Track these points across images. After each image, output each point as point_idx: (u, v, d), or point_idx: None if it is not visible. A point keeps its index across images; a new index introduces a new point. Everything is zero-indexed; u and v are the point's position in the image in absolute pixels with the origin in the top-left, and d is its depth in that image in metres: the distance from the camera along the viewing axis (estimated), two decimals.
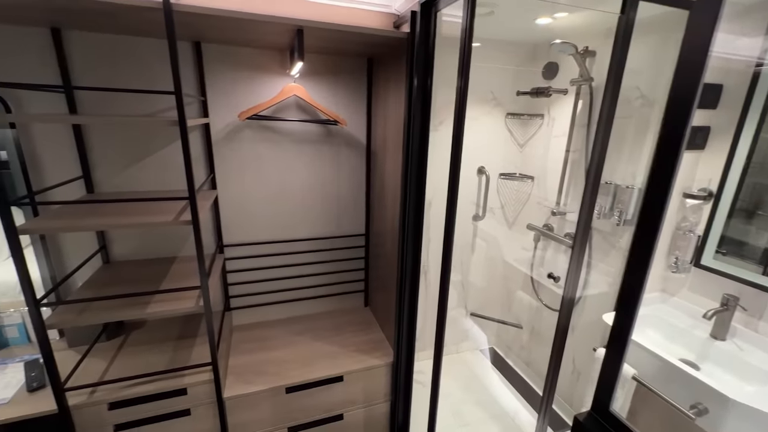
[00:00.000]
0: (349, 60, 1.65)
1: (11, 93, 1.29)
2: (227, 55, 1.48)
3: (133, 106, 1.42)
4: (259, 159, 1.64)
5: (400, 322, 1.52)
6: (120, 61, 1.36)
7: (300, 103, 1.62)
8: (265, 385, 1.42)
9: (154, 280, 1.39)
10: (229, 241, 1.68)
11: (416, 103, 1.27)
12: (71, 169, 1.40)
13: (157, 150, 1.49)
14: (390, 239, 1.59)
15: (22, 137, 1.32)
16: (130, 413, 1.27)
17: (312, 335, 1.74)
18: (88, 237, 1.49)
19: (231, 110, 1.54)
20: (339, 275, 1.92)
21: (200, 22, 1.10)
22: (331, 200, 1.81)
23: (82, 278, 1.43)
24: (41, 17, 1.15)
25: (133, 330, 1.59)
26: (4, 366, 1.33)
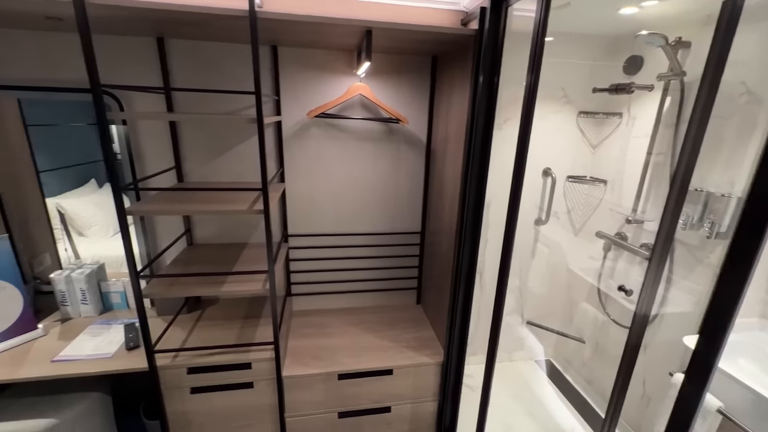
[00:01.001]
0: (413, 59, 1.67)
1: (124, 94, 1.50)
2: (299, 57, 1.58)
3: (216, 105, 1.58)
4: (324, 155, 1.73)
5: (452, 323, 1.51)
6: (207, 65, 1.52)
7: (364, 101, 1.68)
8: (320, 369, 1.50)
9: (228, 262, 1.54)
10: (293, 232, 1.80)
11: (481, 101, 1.24)
12: (166, 160, 1.60)
13: (235, 145, 1.64)
14: (446, 239, 1.58)
15: (131, 132, 1.54)
16: (204, 379, 1.42)
17: (365, 327, 1.79)
18: (177, 220, 1.69)
19: (301, 109, 1.64)
20: (393, 271, 1.95)
21: (279, 27, 1.19)
22: (390, 197, 1.85)
23: (170, 257, 1.64)
24: (150, 28, 1.32)
25: (208, 306, 1.77)
26: (109, 326, 1.57)
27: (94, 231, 2.65)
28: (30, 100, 1.59)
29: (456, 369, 1.56)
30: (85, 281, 1.58)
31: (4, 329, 1.41)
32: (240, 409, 1.49)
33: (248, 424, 1.52)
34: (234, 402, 1.47)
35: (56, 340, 1.47)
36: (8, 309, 1.42)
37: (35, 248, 1.69)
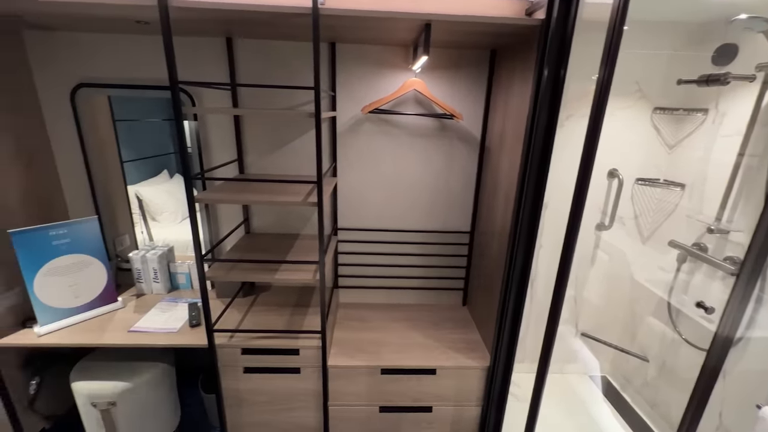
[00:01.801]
0: (470, 53, 1.62)
1: (195, 90, 1.63)
2: (356, 53, 1.60)
3: (276, 100, 1.65)
4: (376, 151, 1.74)
5: (500, 329, 1.45)
6: (269, 62, 1.60)
7: (418, 97, 1.66)
8: (364, 362, 1.52)
9: (282, 251, 1.61)
10: (342, 225, 1.84)
11: (544, 96, 1.17)
12: (229, 153, 1.71)
13: (292, 139, 1.71)
14: (498, 240, 1.52)
15: (200, 126, 1.67)
16: (256, 360, 1.50)
17: (409, 324, 1.78)
18: (237, 209, 1.80)
19: (355, 104, 1.66)
20: (439, 270, 1.92)
21: (340, 23, 1.21)
22: (440, 195, 1.81)
23: (229, 243, 1.75)
24: (220, 29, 1.41)
25: (261, 292, 1.87)
26: (175, 303, 1.71)
27: (164, 217, 2.91)
28: (117, 97, 1.78)
29: (503, 376, 1.50)
30: (157, 261, 1.74)
31: (92, 299, 1.60)
32: (287, 392, 1.56)
33: (294, 408, 1.58)
34: (282, 385, 1.54)
35: (132, 313, 1.63)
36: (95, 282, 1.60)
37: (117, 230, 1.89)
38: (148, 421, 1.63)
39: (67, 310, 1.54)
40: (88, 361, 1.61)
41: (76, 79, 1.58)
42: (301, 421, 1.61)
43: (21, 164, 1.53)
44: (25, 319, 1.54)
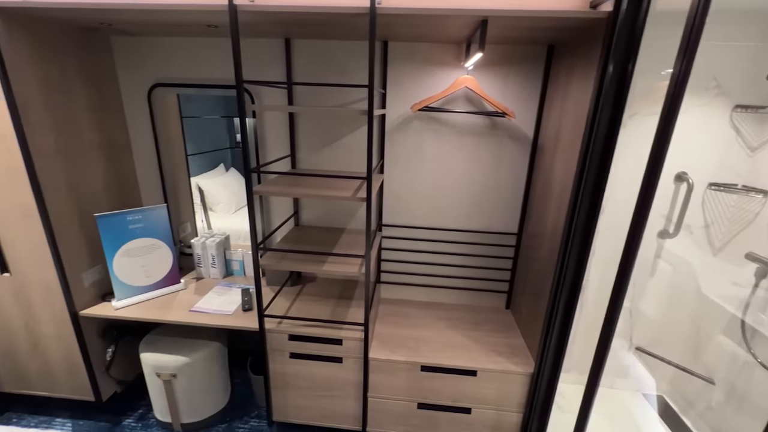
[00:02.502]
0: (526, 48, 1.56)
1: (255, 89, 1.73)
2: (408, 51, 1.61)
3: (329, 98, 1.71)
4: (424, 148, 1.74)
5: (547, 335, 1.40)
6: (323, 61, 1.65)
7: (468, 94, 1.64)
8: (404, 357, 1.53)
9: (329, 244, 1.66)
10: (387, 222, 1.87)
11: (607, 93, 1.11)
12: (283, 148, 1.80)
13: (342, 136, 1.76)
14: (548, 244, 1.47)
15: (258, 123, 1.77)
16: (301, 347, 1.57)
17: (450, 324, 1.77)
18: (288, 202, 1.89)
19: (405, 102, 1.67)
20: (483, 271, 1.89)
21: (395, 21, 1.23)
22: (487, 194, 1.78)
23: (280, 234, 1.84)
24: (281, 30, 1.49)
25: (308, 282, 1.95)
26: (230, 288, 1.84)
27: (220, 207, 3.12)
28: (184, 95, 1.93)
29: (547, 384, 1.44)
30: (215, 248, 1.88)
31: (159, 280, 1.76)
32: (329, 380, 1.61)
33: (335, 395, 1.64)
34: (324, 372, 1.60)
35: (192, 294, 1.78)
36: (162, 264, 1.76)
37: (181, 217, 2.06)
38: (203, 395, 1.77)
39: (138, 288, 1.71)
40: (154, 335, 1.78)
41: (152, 79, 1.75)
42: (341, 409, 1.66)
43: (106, 156, 1.72)
44: (105, 294, 1.73)
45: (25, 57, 1.34)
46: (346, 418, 1.68)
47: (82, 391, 1.75)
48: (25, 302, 1.61)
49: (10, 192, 1.44)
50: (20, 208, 1.46)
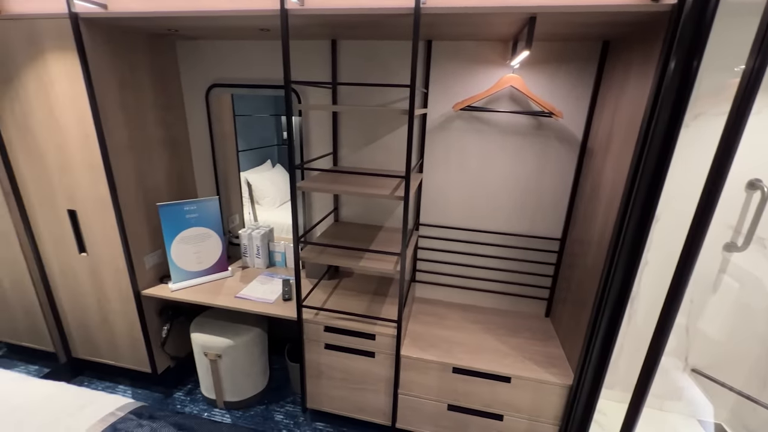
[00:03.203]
0: (577, 45, 1.49)
1: (301, 89, 1.80)
2: (451, 50, 1.60)
3: (371, 98, 1.74)
4: (464, 148, 1.72)
5: (589, 347, 1.33)
6: (366, 61, 1.68)
7: (514, 93, 1.59)
8: (436, 357, 1.53)
9: (366, 241, 1.70)
10: (424, 221, 1.87)
11: (668, 93, 1.03)
12: (326, 146, 1.86)
13: (383, 135, 1.78)
14: (594, 251, 1.39)
15: (303, 121, 1.84)
16: (336, 339, 1.62)
17: (485, 328, 1.74)
18: (328, 198, 1.96)
19: (447, 101, 1.66)
20: (523, 276, 1.83)
21: (440, 21, 1.22)
22: (530, 197, 1.72)
23: (319, 229, 1.91)
24: (328, 32, 1.54)
25: (344, 277, 2.00)
26: (272, 278, 1.94)
27: (266, 201, 3.28)
28: (237, 95, 2.06)
29: (587, 399, 1.38)
30: (260, 240, 1.99)
31: (209, 266, 1.90)
32: (361, 373, 1.65)
33: (366, 388, 1.67)
34: (357, 366, 1.64)
35: (238, 282, 1.90)
36: (213, 252, 1.90)
37: (230, 209, 2.20)
38: (244, 376, 1.88)
39: (191, 273, 1.86)
40: (203, 317, 1.92)
41: (210, 80, 1.88)
42: (372, 403, 1.69)
43: (168, 151, 1.89)
44: (162, 276, 1.90)
45: (105, 62, 1.51)
46: (376, 412, 1.71)
47: (141, 363, 1.93)
48: (98, 280, 1.81)
49: (90, 185, 1.63)
50: (98, 199, 1.64)
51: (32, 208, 1.76)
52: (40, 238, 1.81)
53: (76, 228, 1.72)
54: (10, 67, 1.54)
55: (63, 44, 1.44)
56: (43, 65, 1.50)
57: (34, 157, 1.66)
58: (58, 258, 1.83)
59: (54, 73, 1.49)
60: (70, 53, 1.44)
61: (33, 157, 1.66)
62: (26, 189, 1.74)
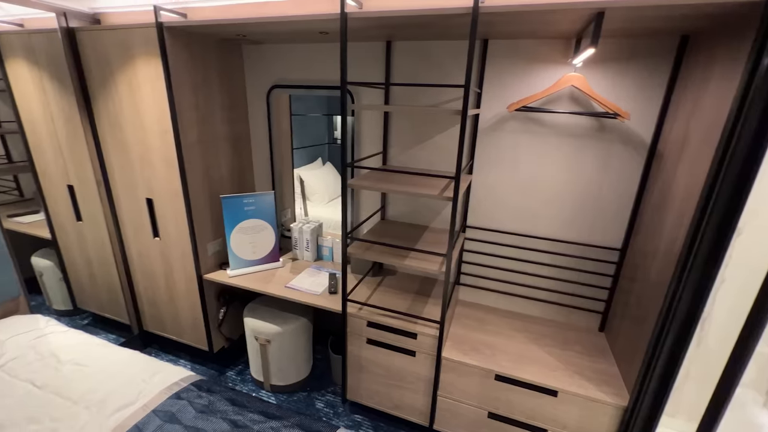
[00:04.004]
0: (650, 41, 1.38)
1: (355, 89, 1.85)
2: (508, 48, 1.55)
3: (422, 98, 1.74)
4: (517, 150, 1.66)
5: (649, 368, 1.23)
6: (419, 61, 1.69)
7: (574, 93, 1.51)
8: (478, 362, 1.50)
9: (411, 240, 1.71)
10: (472, 223, 1.84)
11: (758, 94, 0.92)
12: (376, 145, 1.90)
13: (433, 135, 1.78)
14: (659, 264, 1.28)
15: (356, 121, 1.90)
16: (378, 335, 1.66)
17: (530, 337, 1.67)
18: (376, 197, 1.99)
19: (501, 102, 1.62)
20: (576, 287, 1.73)
21: (498, 19, 1.20)
22: (587, 203, 1.62)
23: (366, 227, 1.95)
24: (383, 34, 1.57)
25: (387, 275, 2.03)
26: (319, 271, 2.02)
27: (316, 197, 3.41)
28: (294, 95, 2.17)
29: (644, 424, 1.27)
30: (310, 234, 2.08)
31: (263, 256, 2.03)
32: (401, 371, 1.67)
33: (405, 386, 1.69)
34: (397, 363, 1.66)
35: (288, 272, 2.00)
36: (267, 243, 2.02)
37: (284, 204, 2.33)
38: (289, 362, 1.98)
39: (247, 261, 1.99)
40: (255, 304, 2.05)
41: (271, 81, 2.00)
42: (410, 401, 1.70)
43: (231, 147, 2.04)
44: (221, 263, 2.06)
45: (182, 66, 1.67)
46: (414, 412, 1.72)
47: (200, 340, 2.11)
48: (167, 263, 2.01)
49: (165, 177, 1.81)
50: (171, 189, 1.82)
51: (118, 196, 2.00)
52: (123, 223, 2.05)
53: (152, 215, 1.93)
54: (107, 71, 1.76)
55: (149, 50, 1.62)
56: (132, 69, 1.69)
57: (122, 151, 1.88)
58: (136, 241, 2.05)
59: (141, 76, 1.68)
60: (154, 59, 1.62)
61: (121, 151, 1.89)
62: (114, 179, 1.97)
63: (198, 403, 1.29)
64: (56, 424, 1.18)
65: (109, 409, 1.24)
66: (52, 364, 1.42)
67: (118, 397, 1.28)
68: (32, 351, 1.48)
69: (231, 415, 1.26)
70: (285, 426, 1.23)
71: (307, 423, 1.26)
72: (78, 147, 1.95)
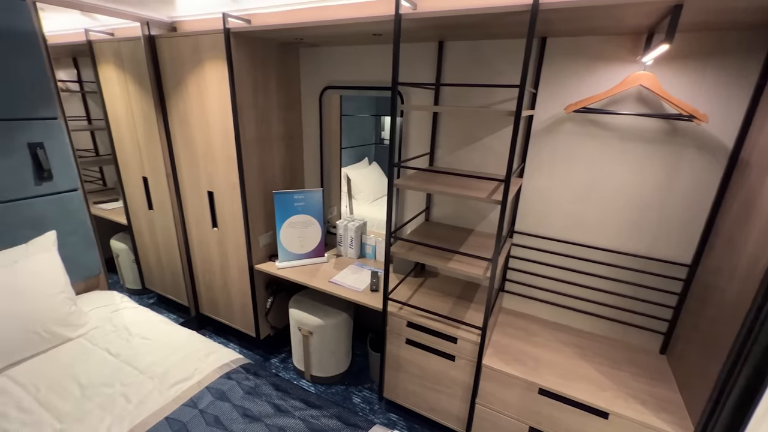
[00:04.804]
0: (732, 35, 1.24)
1: (404, 90, 1.86)
2: (568, 46, 1.47)
3: (473, 98, 1.70)
4: (573, 153, 1.57)
5: (719, 400, 1.10)
6: (471, 61, 1.66)
7: (642, 94, 1.40)
8: (520, 373, 1.45)
9: (456, 243, 1.68)
10: (520, 229, 1.77)
11: None
12: (423, 146, 1.89)
13: (482, 137, 1.74)
14: (739, 285, 1.14)
15: (404, 122, 1.91)
16: (417, 336, 1.65)
17: (580, 353, 1.58)
18: (421, 197, 1.99)
19: (558, 102, 1.54)
20: (635, 303, 1.60)
21: (559, 16, 1.14)
22: (652, 213, 1.49)
23: (410, 227, 1.95)
24: (436, 34, 1.56)
25: (429, 276, 2.02)
26: (362, 268, 2.05)
27: (361, 196, 3.47)
28: (345, 96, 2.22)
29: None
30: (354, 231, 2.12)
31: (309, 251, 2.11)
32: (439, 374, 1.65)
33: (442, 390, 1.67)
34: (436, 366, 1.65)
35: (332, 268, 2.06)
36: (313, 238, 2.10)
37: (330, 201, 2.40)
38: (329, 355, 2.04)
39: (294, 255, 2.08)
40: (300, 296, 2.14)
41: (325, 83, 2.08)
42: (447, 406, 1.68)
43: (285, 146, 2.14)
44: (271, 255, 2.17)
45: (244, 69, 1.78)
46: (451, 417, 1.69)
47: (248, 326, 2.25)
48: (223, 252, 2.16)
49: (225, 173, 1.95)
50: (229, 184, 1.96)
51: (184, 188, 2.19)
52: (187, 213, 2.24)
53: (212, 207, 2.08)
54: (180, 74, 1.93)
55: (216, 54, 1.75)
56: (201, 72, 1.84)
57: (189, 147, 2.06)
58: (197, 230, 2.23)
59: (208, 78, 1.83)
60: (221, 62, 1.74)
61: (188, 147, 2.06)
62: (181, 172, 2.16)
63: (245, 385, 1.37)
64: (126, 389, 1.32)
65: (170, 381, 1.36)
66: (124, 336, 1.59)
67: (177, 371, 1.40)
68: (109, 323, 1.66)
69: (275, 399, 1.32)
70: (324, 416, 1.27)
71: (345, 415, 1.29)
72: (153, 142, 2.16)
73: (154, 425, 1.19)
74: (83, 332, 1.59)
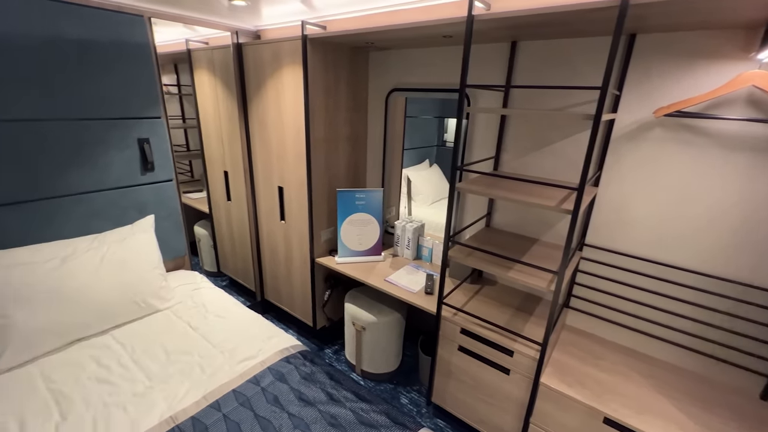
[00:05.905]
0: None
1: (471, 92, 1.83)
2: (661, 43, 1.33)
3: (545, 101, 1.61)
4: (660, 162, 1.41)
5: None
6: (545, 62, 1.57)
7: (755, 96, 1.21)
8: (583, 398, 1.34)
9: (517, 252, 1.61)
10: (591, 242, 1.63)
11: None
12: (488, 150, 1.84)
13: (554, 141, 1.64)
14: None
15: (470, 124, 1.87)
16: (471, 344, 1.61)
17: (656, 385, 1.41)
18: (482, 202, 1.93)
19: (646, 105, 1.40)
20: (730, 336, 1.39)
21: (653, 11, 1.04)
22: (754, 234, 1.29)
23: (469, 232, 1.91)
24: (509, 34, 1.51)
25: (486, 284, 1.95)
26: (417, 269, 2.06)
27: (420, 198, 3.47)
28: (409, 98, 2.24)
29: None
30: (411, 233, 2.13)
31: (367, 249, 2.16)
32: (492, 387, 1.59)
33: (494, 404, 1.60)
34: (489, 378, 1.59)
35: (388, 267, 2.09)
36: (372, 237, 2.15)
37: (390, 201, 2.44)
38: (380, 353, 2.08)
39: (353, 251, 2.15)
40: (356, 291, 2.21)
41: (391, 85, 2.12)
42: (496, 420, 1.61)
43: (350, 146, 2.23)
44: (331, 250, 2.27)
45: (318, 73, 1.89)
46: None
47: (306, 316, 2.37)
48: (288, 244, 2.31)
49: (295, 170, 2.09)
50: (298, 180, 2.09)
51: (258, 182, 2.38)
52: (259, 206, 2.44)
53: (281, 201, 2.24)
54: (261, 78, 2.11)
55: (293, 60, 1.88)
56: (279, 76, 1.99)
57: (264, 146, 2.23)
58: (267, 222, 2.42)
59: (285, 82, 1.97)
60: (297, 67, 1.87)
61: (263, 146, 2.24)
62: (256, 168, 2.35)
63: (302, 370, 1.45)
64: (202, 360, 1.48)
65: (237, 358, 1.49)
66: (202, 313, 1.78)
67: (244, 349, 1.54)
68: (190, 299, 1.88)
69: (328, 387, 1.38)
70: (374, 411, 1.29)
71: (394, 413, 1.30)
72: (234, 140, 2.39)
73: (223, 396, 1.32)
74: (170, 305, 1.82)
